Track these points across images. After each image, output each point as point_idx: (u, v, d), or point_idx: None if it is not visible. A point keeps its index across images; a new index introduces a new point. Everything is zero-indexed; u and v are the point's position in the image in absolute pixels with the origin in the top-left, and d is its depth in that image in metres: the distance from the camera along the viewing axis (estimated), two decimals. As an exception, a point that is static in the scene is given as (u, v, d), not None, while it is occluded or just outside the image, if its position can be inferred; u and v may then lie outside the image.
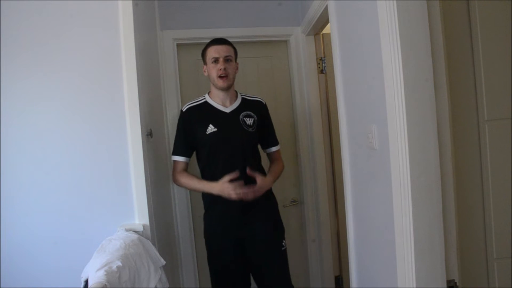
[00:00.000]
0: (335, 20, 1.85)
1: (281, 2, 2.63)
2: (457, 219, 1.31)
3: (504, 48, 1.39)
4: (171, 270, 2.20)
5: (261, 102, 2.04)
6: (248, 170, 1.82)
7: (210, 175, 1.90)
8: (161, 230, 2.05)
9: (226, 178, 1.82)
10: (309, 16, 2.36)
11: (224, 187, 1.81)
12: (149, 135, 1.94)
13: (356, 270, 1.87)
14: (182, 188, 2.28)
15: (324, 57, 2.57)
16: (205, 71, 1.93)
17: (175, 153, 1.98)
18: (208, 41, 2.77)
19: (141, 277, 1.53)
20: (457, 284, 1.29)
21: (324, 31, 2.51)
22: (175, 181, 2.00)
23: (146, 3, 2.18)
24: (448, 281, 1.26)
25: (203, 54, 1.92)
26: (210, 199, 1.93)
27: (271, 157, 2.08)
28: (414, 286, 1.23)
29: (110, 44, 1.78)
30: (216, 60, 1.84)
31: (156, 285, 1.58)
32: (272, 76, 2.72)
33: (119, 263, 1.40)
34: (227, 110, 1.91)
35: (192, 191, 2.04)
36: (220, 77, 1.83)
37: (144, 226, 1.76)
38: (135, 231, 1.72)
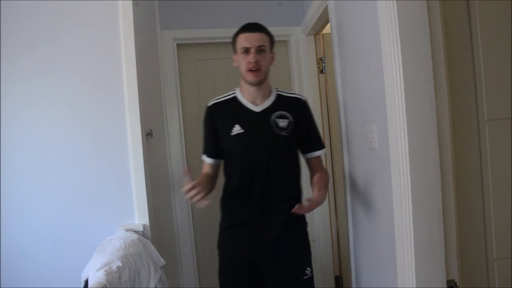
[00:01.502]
0: (335, 20, 1.85)
1: (281, 2, 2.63)
2: (457, 219, 1.30)
3: (504, 48, 1.39)
4: (171, 270, 2.20)
5: (300, 99, 1.70)
6: (296, 208, 1.43)
7: (231, 183, 1.65)
8: (161, 230, 2.05)
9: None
10: (309, 16, 2.36)
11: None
12: (149, 135, 1.94)
13: (356, 270, 1.87)
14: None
15: (324, 57, 2.57)
16: (234, 61, 1.64)
17: (203, 151, 1.71)
18: (208, 41, 2.76)
19: (141, 277, 1.53)
20: (457, 284, 1.28)
21: (324, 31, 2.51)
22: None
23: (146, 3, 2.18)
24: (448, 281, 1.26)
25: (233, 41, 1.62)
26: (228, 206, 1.67)
27: (310, 165, 1.73)
28: (414, 286, 1.23)
29: (110, 44, 1.78)
30: (246, 51, 1.56)
31: (156, 285, 1.58)
32: (272, 76, 2.71)
33: (119, 263, 1.40)
34: (257, 109, 1.62)
35: None
36: (251, 70, 1.56)
37: (144, 226, 1.77)
38: (135, 231, 1.72)
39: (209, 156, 1.69)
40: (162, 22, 2.52)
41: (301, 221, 1.69)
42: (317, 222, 2.67)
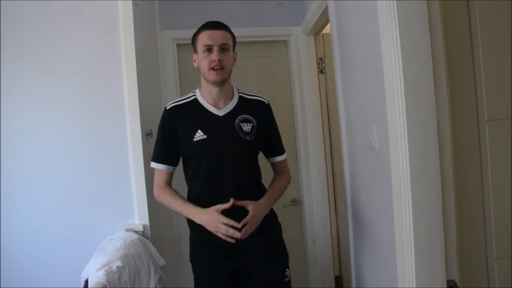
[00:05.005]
0: (335, 20, 1.86)
1: (281, 2, 2.63)
2: (457, 219, 1.30)
3: (504, 48, 1.39)
4: (171, 270, 2.20)
5: (263, 102, 1.63)
6: (233, 201, 1.43)
7: (195, 193, 1.56)
8: (161, 230, 2.05)
9: (218, 207, 1.43)
10: (309, 16, 2.36)
11: (213, 220, 1.42)
12: (149, 135, 1.94)
13: (356, 270, 1.87)
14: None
15: (324, 57, 2.57)
16: (195, 61, 1.55)
17: (154, 159, 1.58)
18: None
19: (141, 277, 1.53)
20: (457, 284, 1.28)
21: (324, 31, 2.51)
22: (156, 196, 1.61)
23: (146, 3, 2.18)
24: (448, 281, 1.26)
25: (194, 40, 1.54)
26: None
27: (274, 167, 1.69)
28: (414, 286, 1.23)
29: (110, 44, 1.78)
30: (209, 49, 1.47)
31: (156, 285, 1.58)
32: (272, 76, 2.72)
33: (119, 263, 1.40)
34: (220, 113, 1.53)
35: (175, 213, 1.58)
36: (214, 69, 1.47)
37: (144, 226, 1.77)
38: (135, 231, 1.72)
39: (168, 163, 1.57)
40: (162, 22, 2.51)
41: (272, 224, 1.62)
42: (317, 222, 2.67)
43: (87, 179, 1.78)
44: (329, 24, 2.04)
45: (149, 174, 1.85)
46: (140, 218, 1.78)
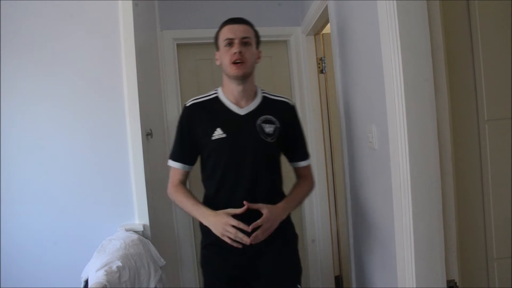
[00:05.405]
0: (335, 20, 1.86)
1: (281, 2, 2.64)
2: (457, 219, 1.30)
3: (504, 48, 1.39)
4: (171, 270, 2.20)
5: (288, 103, 1.56)
6: (246, 203, 1.37)
7: (210, 193, 1.50)
8: (161, 230, 2.05)
9: (229, 210, 1.37)
10: (309, 16, 2.36)
11: (221, 222, 1.36)
12: (149, 135, 1.94)
13: (356, 270, 1.87)
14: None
15: (324, 57, 2.57)
16: (217, 59, 1.50)
17: (172, 157, 1.55)
18: (209, 41, 2.76)
19: (141, 277, 1.53)
20: (457, 284, 1.28)
21: (324, 31, 2.51)
22: (169, 194, 1.57)
23: (146, 3, 2.18)
24: (448, 281, 1.26)
25: (216, 37, 1.50)
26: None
27: (297, 173, 1.61)
28: (414, 286, 1.23)
29: (110, 44, 1.78)
30: (230, 43, 1.42)
31: (156, 285, 1.58)
32: (272, 76, 2.72)
33: (119, 263, 1.40)
34: (242, 112, 1.47)
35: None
36: (234, 63, 1.41)
37: (144, 226, 1.77)
38: (135, 231, 1.73)
39: (184, 162, 1.52)
40: (162, 22, 2.52)
41: (288, 234, 1.54)
42: (317, 222, 2.67)
43: (87, 179, 1.78)
44: (329, 24, 2.04)
45: (149, 174, 1.85)
46: (140, 218, 1.78)
